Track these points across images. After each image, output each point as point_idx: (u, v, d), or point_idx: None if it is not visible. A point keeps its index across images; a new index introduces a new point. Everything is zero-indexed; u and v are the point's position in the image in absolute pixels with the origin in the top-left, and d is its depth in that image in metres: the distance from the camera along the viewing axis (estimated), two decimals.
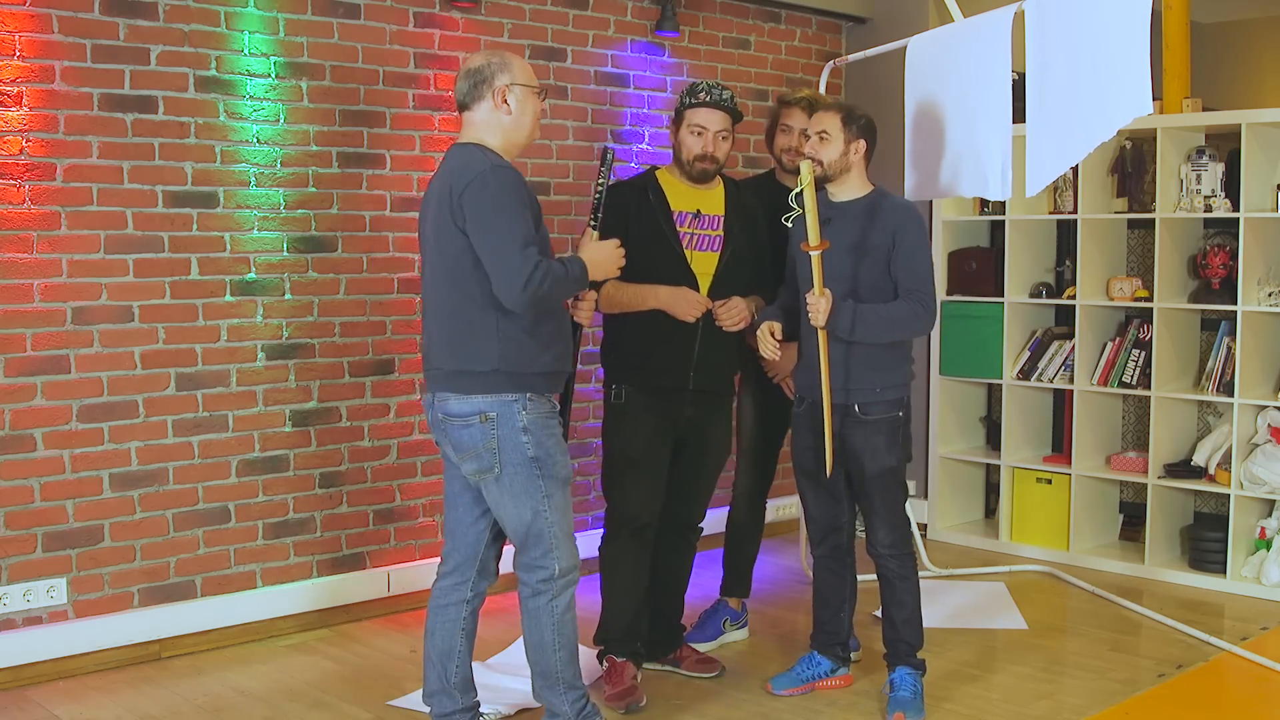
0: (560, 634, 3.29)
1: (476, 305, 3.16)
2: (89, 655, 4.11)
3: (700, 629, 4.36)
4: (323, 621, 4.58)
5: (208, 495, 4.34)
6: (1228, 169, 5.08)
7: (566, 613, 3.29)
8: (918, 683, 3.76)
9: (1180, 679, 4.03)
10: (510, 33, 4.99)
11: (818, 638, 3.96)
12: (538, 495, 3.21)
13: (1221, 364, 5.08)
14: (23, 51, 3.91)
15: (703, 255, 3.87)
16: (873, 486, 3.72)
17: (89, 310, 4.07)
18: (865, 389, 3.68)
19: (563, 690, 3.32)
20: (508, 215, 3.09)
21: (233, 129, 4.33)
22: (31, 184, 3.95)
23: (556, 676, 3.31)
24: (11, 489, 3.96)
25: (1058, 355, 5.50)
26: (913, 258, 3.65)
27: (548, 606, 3.27)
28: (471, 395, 3.19)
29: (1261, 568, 4.91)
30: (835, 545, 3.87)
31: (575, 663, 3.33)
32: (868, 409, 3.68)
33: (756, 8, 5.83)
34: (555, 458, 3.24)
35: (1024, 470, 5.62)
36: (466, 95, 3.24)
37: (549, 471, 3.23)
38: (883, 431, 3.68)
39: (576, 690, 3.34)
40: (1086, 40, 3.84)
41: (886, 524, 3.74)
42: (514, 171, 3.16)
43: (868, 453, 3.69)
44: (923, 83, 4.60)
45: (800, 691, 3.90)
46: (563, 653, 3.30)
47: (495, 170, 3.13)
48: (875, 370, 3.68)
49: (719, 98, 3.82)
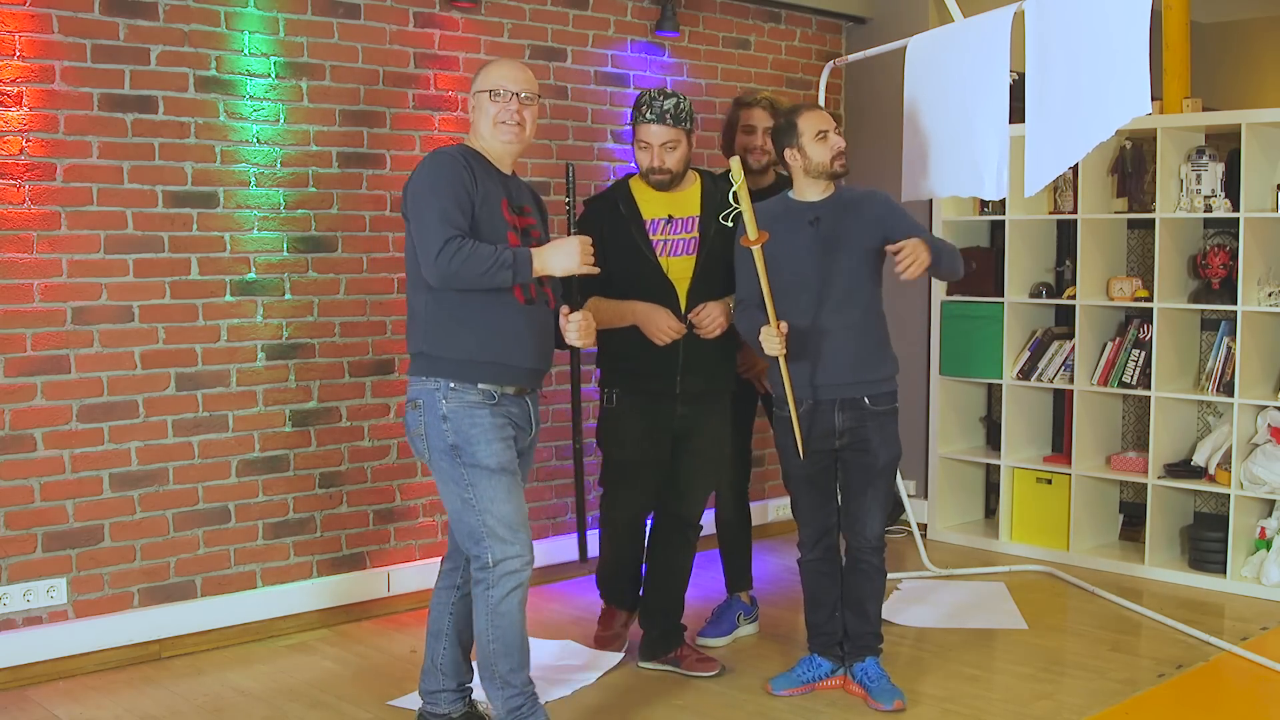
0: (495, 626, 3.23)
1: (414, 288, 3.32)
2: (89, 655, 4.11)
3: (714, 624, 4.40)
4: (323, 621, 4.58)
5: (208, 495, 4.34)
6: (1228, 169, 5.08)
7: (502, 604, 3.22)
8: (879, 665, 3.87)
9: (1180, 679, 4.03)
10: (510, 33, 4.99)
11: (815, 640, 3.97)
12: (462, 484, 3.23)
13: (1221, 364, 5.07)
14: (23, 51, 3.91)
15: (678, 260, 3.91)
16: (881, 476, 3.78)
17: (89, 310, 4.07)
18: (872, 381, 3.75)
19: (498, 685, 3.28)
20: (429, 194, 3.19)
21: (233, 129, 4.33)
22: (31, 184, 3.95)
23: (492, 669, 3.27)
24: (11, 489, 3.96)
25: (1058, 355, 5.50)
26: (909, 221, 3.75)
27: (483, 596, 3.24)
28: (412, 379, 3.32)
29: (1261, 568, 4.91)
30: (827, 547, 3.89)
31: (512, 658, 3.26)
32: (877, 400, 3.76)
33: (756, 8, 5.83)
34: (478, 446, 3.21)
35: (1024, 470, 5.62)
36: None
37: (469, 460, 3.21)
38: (893, 419, 3.80)
39: (511, 688, 3.27)
40: (1086, 40, 3.84)
41: (878, 516, 3.81)
42: (450, 155, 3.26)
43: (882, 443, 3.76)
44: (921, 83, 4.61)
45: (800, 692, 3.91)
46: (497, 645, 3.24)
47: (432, 154, 3.28)
48: (877, 363, 3.78)
49: (661, 111, 3.84)
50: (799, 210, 3.77)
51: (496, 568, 3.22)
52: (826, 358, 3.71)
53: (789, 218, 3.76)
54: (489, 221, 3.26)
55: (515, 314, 3.30)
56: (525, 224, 3.38)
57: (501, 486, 3.23)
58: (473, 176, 3.25)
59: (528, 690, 3.31)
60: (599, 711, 3.78)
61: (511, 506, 3.25)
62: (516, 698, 3.29)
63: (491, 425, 3.25)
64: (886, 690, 3.79)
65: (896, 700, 3.74)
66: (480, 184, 3.27)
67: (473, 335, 3.24)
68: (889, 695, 3.76)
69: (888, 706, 3.73)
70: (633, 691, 3.93)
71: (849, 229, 3.72)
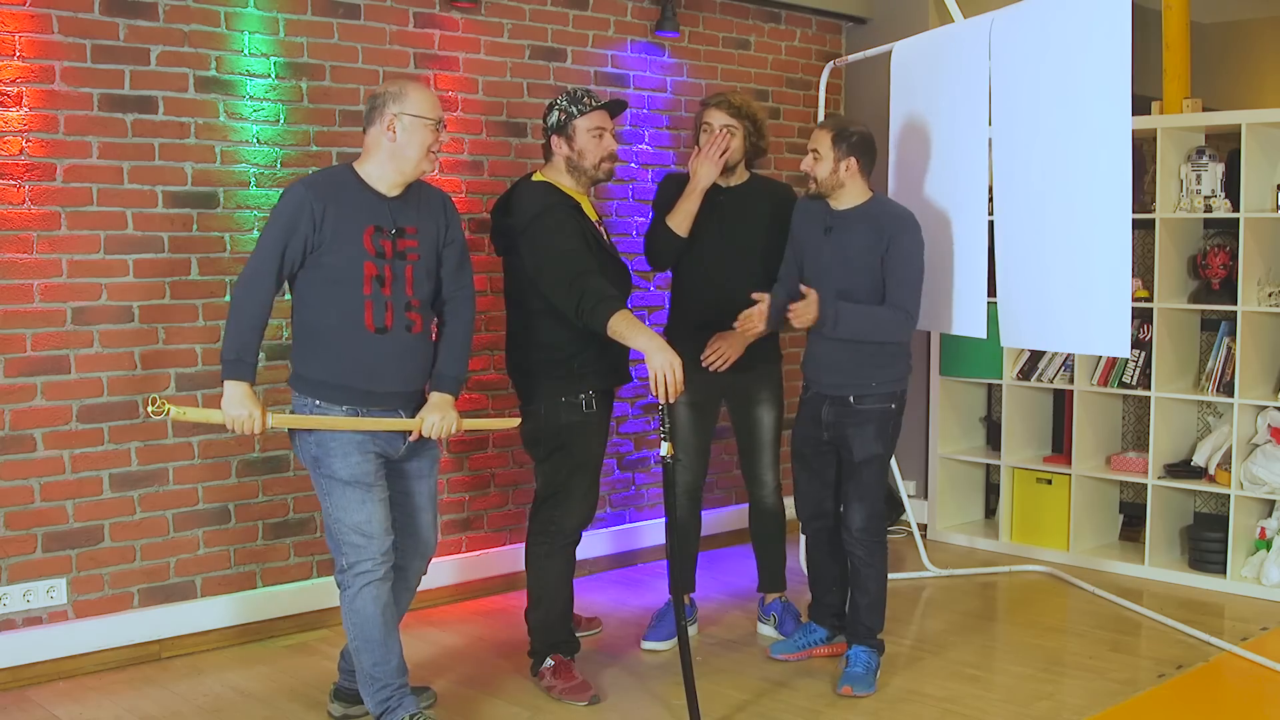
0: (354, 623, 3.41)
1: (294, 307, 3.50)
2: (89, 655, 4.11)
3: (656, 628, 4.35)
4: (323, 621, 4.58)
5: (208, 495, 4.35)
6: (1228, 169, 5.08)
7: (356, 601, 3.40)
8: (871, 659, 3.96)
9: (1180, 679, 4.03)
10: (510, 33, 4.99)
11: (814, 609, 4.24)
12: (320, 492, 3.44)
13: (1221, 364, 5.07)
14: (23, 51, 3.91)
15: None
16: (857, 471, 3.93)
17: (89, 310, 4.07)
18: (862, 383, 3.92)
19: (365, 681, 3.44)
20: (269, 224, 3.35)
21: (233, 129, 4.33)
22: (31, 184, 3.95)
23: (359, 665, 3.45)
24: (11, 489, 3.96)
25: (1058, 355, 5.50)
26: (903, 266, 3.89)
27: (344, 598, 3.43)
28: (292, 391, 3.50)
29: (1261, 568, 4.91)
30: (823, 527, 4.12)
31: (374, 653, 3.41)
32: (862, 400, 3.92)
33: (756, 8, 5.82)
34: (334, 459, 3.37)
35: (1024, 470, 5.62)
36: (365, 118, 3.45)
37: (326, 470, 3.38)
38: (873, 420, 3.91)
39: (376, 682, 3.43)
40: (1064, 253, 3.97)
41: (863, 510, 3.94)
42: (299, 190, 3.33)
43: (857, 439, 3.92)
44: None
45: (798, 658, 4.15)
46: (358, 642, 3.42)
47: (288, 187, 3.39)
48: (871, 366, 3.91)
49: (599, 99, 3.90)
50: (822, 217, 3.98)
51: (350, 570, 3.41)
52: (824, 354, 3.96)
53: (810, 219, 4.01)
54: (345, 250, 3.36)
55: (366, 342, 3.39)
56: (405, 246, 3.44)
57: (354, 497, 3.38)
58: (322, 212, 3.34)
59: (395, 683, 3.45)
60: (597, 711, 3.80)
61: (363, 515, 3.39)
62: (382, 690, 3.43)
63: (350, 439, 3.38)
64: (852, 676, 3.91)
65: (845, 687, 3.87)
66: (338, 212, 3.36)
67: (315, 358, 3.41)
68: (845, 679, 3.90)
69: (837, 689, 3.89)
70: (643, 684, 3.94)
71: (857, 242, 3.90)
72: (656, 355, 3.50)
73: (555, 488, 3.90)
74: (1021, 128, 4.06)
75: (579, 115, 3.86)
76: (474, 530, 5.00)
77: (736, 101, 4.25)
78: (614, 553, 5.35)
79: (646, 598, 4.88)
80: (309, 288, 3.38)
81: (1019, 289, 4.16)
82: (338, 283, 3.35)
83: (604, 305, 3.60)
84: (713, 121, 4.23)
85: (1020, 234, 4.12)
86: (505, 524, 5.07)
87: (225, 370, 3.32)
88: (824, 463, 4.05)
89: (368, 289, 3.36)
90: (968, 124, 4.28)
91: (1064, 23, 3.86)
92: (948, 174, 4.38)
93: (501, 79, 4.97)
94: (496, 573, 5.02)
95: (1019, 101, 4.06)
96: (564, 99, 3.91)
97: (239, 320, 3.32)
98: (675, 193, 4.24)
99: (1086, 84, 3.76)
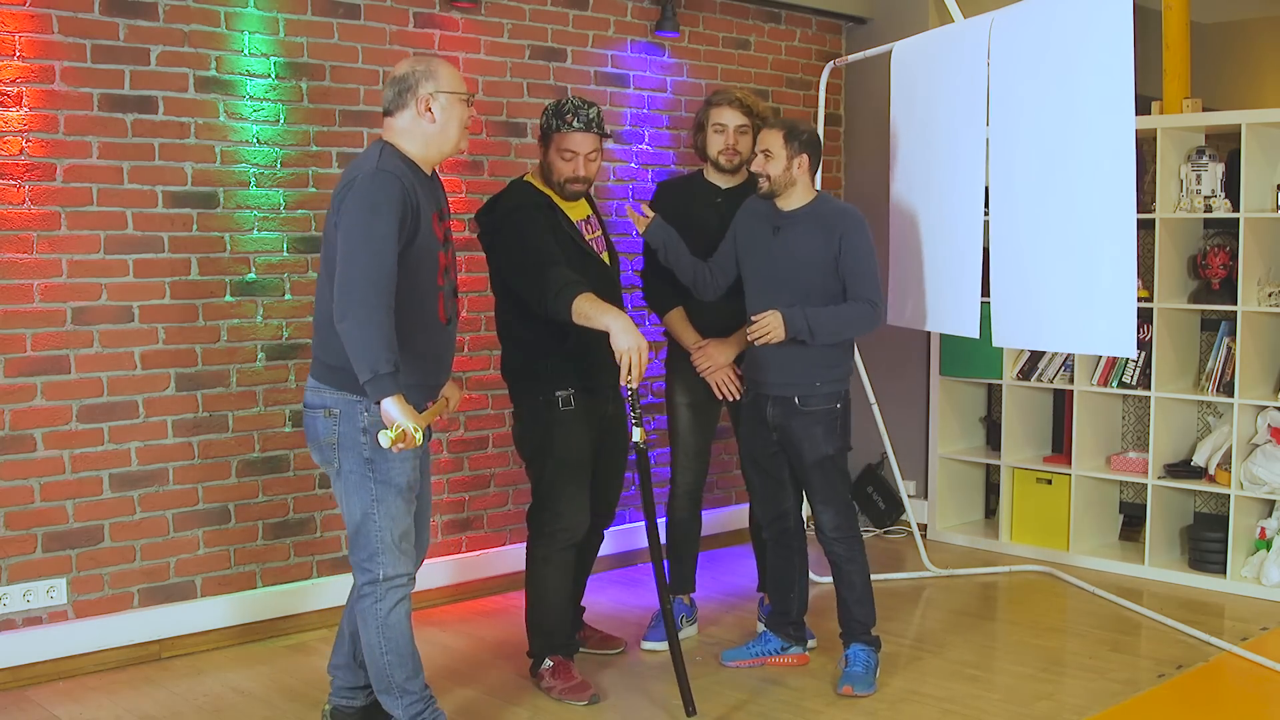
0: (386, 637, 3.28)
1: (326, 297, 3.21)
2: (89, 655, 4.11)
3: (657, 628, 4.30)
4: (322, 621, 4.57)
5: (208, 495, 4.34)
6: (1228, 169, 5.07)
7: (391, 615, 3.28)
8: (870, 658, 3.95)
9: (1180, 679, 4.03)
10: (510, 33, 4.99)
11: (771, 618, 4.20)
12: (368, 498, 3.23)
13: (1221, 364, 5.07)
14: (23, 51, 3.91)
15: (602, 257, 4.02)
16: (812, 473, 3.94)
17: (89, 310, 4.07)
18: (806, 383, 3.91)
19: (396, 694, 3.31)
20: (373, 216, 3.06)
21: (233, 129, 4.33)
22: (31, 184, 3.95)
23: (387, 678, 3.31)
24: (11, 489, 3.96)
25: (1058, 355, 5.49)
26: (859, 261, 3.88)
27: (372, 609, 3.27)
28: (323, 388, 3.26)
29: (1261, 568, 4.91)
30: (782, 530, 4.10)
31: (406, 666, 3.31)
32: (807, 401, 3.91)
33: (756, 8, 5.82)
34: (392, 463, 3.21)
35: (1024, 470, 5.62)
36: (391, 102, 3.25)
37: (382, 476, 3.22)
38: (820, 421, 3.92)
39: (410, 695, 3.32)
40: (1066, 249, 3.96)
41: (829, 509, 3.95)
42: (394, 178, 3.11)
43: (806, 441, 3.92)
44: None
45: (750, 665, 4.12)
46: (390, 656, 3.29)
47: (376, 175, 3.11)
48: (816, 366, 3.91)
49: (587, 119, 3.84)
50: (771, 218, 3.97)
51: (386, 582, 3.27)
52: (767, 355, 3.92)
53: (757, 220, 4.01)
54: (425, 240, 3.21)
55: (437, 335, 3.30)
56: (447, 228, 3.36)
57: (405, 505, 3.27)
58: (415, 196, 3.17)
59: (425, 694, 3.35)
60: (597, 711, 3.80)
61: (409, 524, 3.29)
62: (416, 704, 3.33)
63: (403, 454, 3.22)
64: (851, 676, 3.91)
65: (846, 686, 3.88)
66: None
67: (405, 356, 3.14)
68: (845, 680, 3.91)
69: (837, 689, 3.89)
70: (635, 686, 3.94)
71: (806, 242, 3.90)
72: (622, 336, 3.47)
73: (543, 489, 3.90)
74: (1021, 128, 4.06)
75: (555, 131, 3.84)
76: (474, 530, 5.00)
77: (748, 100, 4.23)
78: (614, 553, 5.35)
79: (646, 598, 4.88)
80: None
81: (1014, 289, 4.15)
82: (415, 273, 3.17)
83: (566, 291, 3.58)
84: (726, 122, 4.21)
85: (1017, 234, 4.11)
86: (505, 524, 5.07)
87: (383, 386, 3.02)
88: (776, 463, 4.03)
89: (441, 279, 3.27)
90: (967, 124, 4.28)
91: (1064, 23, 3.86)
92: (947, 174, 4.37)
93: (501, 79, 4.97)
94: (496, 573, 5.02)
95: (1019, 101, 4.06)
96: (552, 107, 3.88)
97: (380, 327, 3.01)
98: (671, 202, 4.24)
99: (1087, 84, 3.76)
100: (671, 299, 4.28)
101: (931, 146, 4.45)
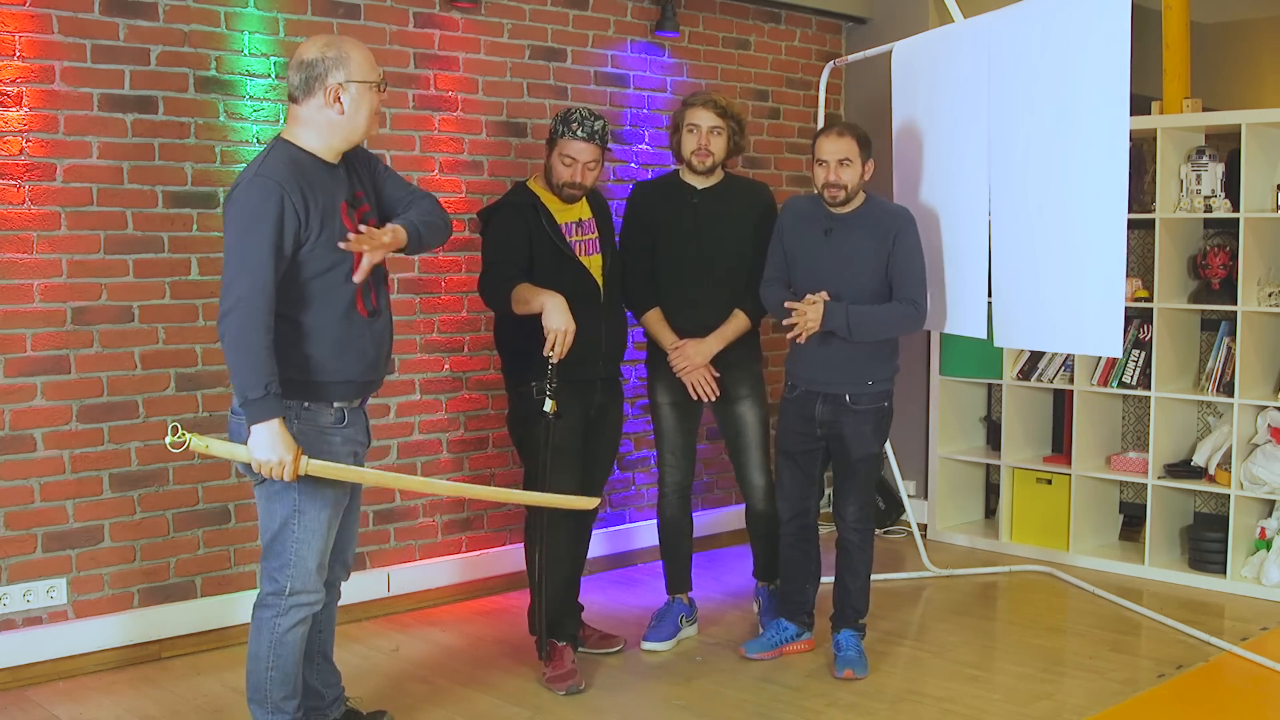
0: (277, 654, 3.16)
1: None
2: (89, 655, 4.11)
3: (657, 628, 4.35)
4: None
5: (208, 495, 4.34)
6: (1228, 169, 5.08)
7: (288, 634, 3.15)
8: (859, 641, 4.10)
9: (1180, 679, 4.03)
10: (510, 33, 4.99)
11: (784, 606, 4.27)
12: (289, 508, 3.09)
13: (1221, 364, 5.07)
14: (23, 51, 3.91)
15: (589, 259, 4.08)
16: (857, 468, 4.04)
17: (89, 310, 4.07)
18: (858, 382, 3.98)
19: (269, 710, 3.20)
20: (245, 231, 2.95)
21: (233, 129, 4.33)
22: (31, 184, 3.95)
23: (265, 693, 3.19)
24: (11, 489, 3.96)
25: (1058, 355, 5.49)
26: (909, 260, 3.97)
27: (270, 621, 3.15)
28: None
29: (1261, 568, 4.91)
30: (802, 525, 4.16)
31: (288, 686, 3.19)
32: (858, 399, 3.99)
33: (756, 8, 5.82)
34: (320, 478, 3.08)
35: (1024, 470, 5.62)
36: (296, 89, 3.09)
37: (308, 489, 3.08)
38: (870, 420, 4.01)
39: (283, 714, 3.21)
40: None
41: (858, 500, 4.06)
42: (274, 186, 2.96)
43: (855, 439, 4.00)
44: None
45: (770, 656, 4.17)
46: (275, 673, 3.17)
47: (253, 183, 2.98)
48: (867, 365, 3.98)
49: (591, 130, 3.95)
50: (822, 220, 4.01)
51: (292, 597, 3.14)
52: (817, 352, 3.97)
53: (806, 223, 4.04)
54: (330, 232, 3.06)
55: (360, 330, 3.14)
56: (363, 213, 3.19)
57: (329, 521, 3.15)
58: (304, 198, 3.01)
59: (297, 717, 3.25)
60: (597, 711, 3.80)
61: (327, 542, 3.17)
62: None
63: (342, 454, 3.15)
64: (848, 660, 4.00)
65: (848, 669, 3.98)
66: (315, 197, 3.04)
67: (326, 355, 3.07)
68: (843, 664, 3.99)
69: (837, 674, 3.97)
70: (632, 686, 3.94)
71: (859, 242, 3.96)
72: (553, 315, 3.69)
73: (529, 479, 4.04)
74: (1020, 128, 4.06)
75: (559, 137, 3.98)
76: (474, 530, 5.00)
77: (722, 101, 4.26)
78: (613, 553, 5.35)
79: (646, 598, 4.88)
80: (293, 284, 3.02)
81: (1014, 289, 4.16)
82: (329, 271, 3.06)
83: (504, 285, 3.83)
84: (700, 122, 4.21)
85: (1016, 234, 4.12)
86: (505, 524, 5.07)
87: (254, 411, 2.92)
88: (811, 460, 4.10)
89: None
90: (967, 124, 4.28)
91: (1064, 23, 3.86)
92: (948, 174, 4.38)
93: (501, 79, 4.97)
94: (496, 573, 5.02)
95: (1018, 101, 4.06)
96: (563, 114, 3.99)
97: (252, 349, 2.91)
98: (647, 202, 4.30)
99: (1085, 84, 3.76)
100: (648, 300, 4.29)
101: (933, 146, 4.46)
